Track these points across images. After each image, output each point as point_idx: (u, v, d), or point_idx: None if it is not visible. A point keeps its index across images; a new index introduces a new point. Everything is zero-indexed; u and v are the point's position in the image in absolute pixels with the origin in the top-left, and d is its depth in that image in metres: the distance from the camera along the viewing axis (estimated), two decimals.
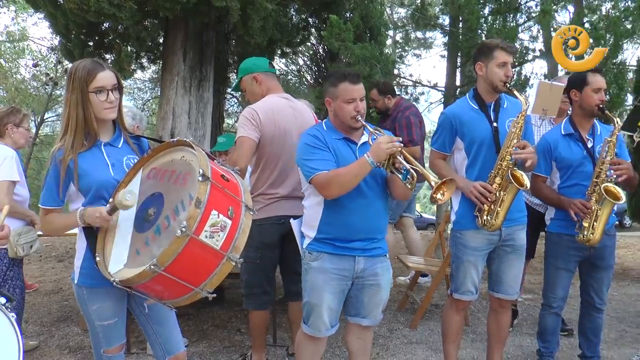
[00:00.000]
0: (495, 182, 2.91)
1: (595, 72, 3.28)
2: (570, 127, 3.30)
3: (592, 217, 3.10)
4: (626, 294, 5.77)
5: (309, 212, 2.76)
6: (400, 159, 2.50)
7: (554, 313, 3.42)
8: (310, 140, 2.66)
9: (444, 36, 8.34)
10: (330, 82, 2.73)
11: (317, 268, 2.68)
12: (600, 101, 3.19)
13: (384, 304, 2.83)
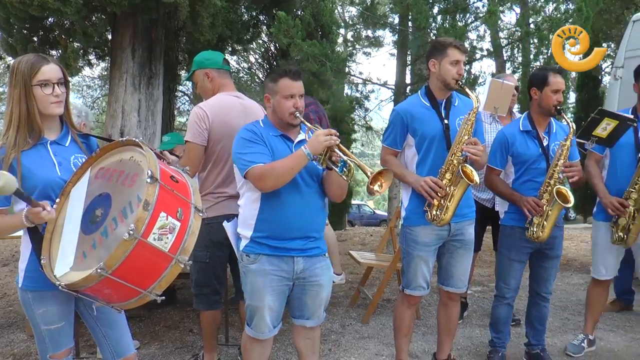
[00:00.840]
0: (445, 177, 2.99)
1: (556, 72, 3.37)
2: (528, 124, 3.41)
3: (542, 215, 3.23)
4: (569, 283, 6.02)
5: (245, 211, 2.74)
6: (337, 152, 2.51)
7: (507, 304, 3.54)
8: (247, 135, 2.65)
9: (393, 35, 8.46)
10: (270, 78, 2.73)
11: (255, 271, 2.67)
12: (558, 102, 3.31)
13: (326, 303, 2.86)
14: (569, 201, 3.15)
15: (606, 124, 3.26)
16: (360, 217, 23.48)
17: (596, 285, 3.82)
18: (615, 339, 4.21)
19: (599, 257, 3.71)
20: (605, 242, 3.63)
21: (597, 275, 3.75)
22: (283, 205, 2.63)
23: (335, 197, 2.79)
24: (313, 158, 2.52)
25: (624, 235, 3.48)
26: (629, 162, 3.47)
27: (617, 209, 3.45)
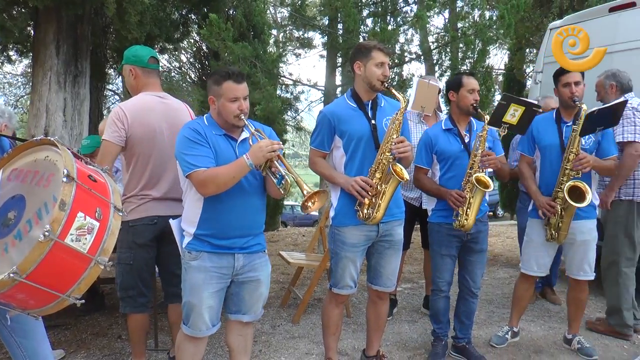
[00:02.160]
0: (375, 176, 3.05)
1: (469, 75, 3.60)
2: (450, 123, 3.59)
3: (466, 204, 3.38)
4: (495, 277, 6.25)
5: (189, 208, 2.75)
6: (277, 164, 2.57)
7: (444, 296, 3.68)
8: (191, 134, 2.64)
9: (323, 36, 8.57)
10: (213, 80, 2.72)
11: (196, 267, 2.67)
12: (475, 101, 3.48)
13: (264, 298, 2.88)
14: (489, 187, 3.32)
15: (514, 110, 3.42)
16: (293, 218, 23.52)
17: (524, 281, 3.99)
18: (535, 328, 4.43)
19: (532, 253, 3.85)
20: (539, 240, 3.79)
21: (528, 270, 3.89)
22: (226, 204, 2.66)
23: (275, 195, 2.83)
24: (254, 168, 2.57)
25: (555, 233, 3.66)
26: (557, 162, 3.64)
27: (548, 209, 3.63)
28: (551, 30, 6.08)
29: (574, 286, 3.89)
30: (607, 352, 3.97)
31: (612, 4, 5.54)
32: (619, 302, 4.21)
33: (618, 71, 4.31)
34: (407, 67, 10.22)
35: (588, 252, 3.73)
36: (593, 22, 5.55)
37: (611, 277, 4.22)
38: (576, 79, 3.64)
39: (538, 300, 5.15)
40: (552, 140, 3.70)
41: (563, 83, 3.67)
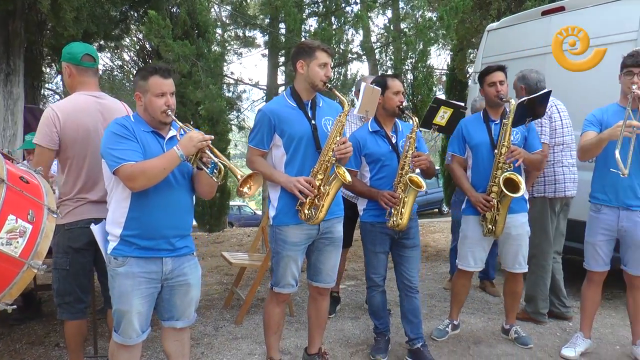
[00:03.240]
0: (318, 177, 3.07)
1: (394, 77, 3.67)
2: (377, 125, 3.65)
3: (399, 204, 3.43)
4: (437, 272, 6.39)
5: (115, 208, 2.66)
6: (209, 153, 2.54)
7: (381, 291, 3.74)
8: (118, 129, 2.59)
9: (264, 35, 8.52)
10: (140, 75, 2.68)
11: (124, 273, 2.61)
12: (400, 102, 3.55)
13: (196, 302, 2.85)
14: (421, 187, 3.41)
15: (443, 112, 3.55)
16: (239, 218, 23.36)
17: (462, 276, 4.10)
18: (475, 320, 4.57)
19: (468, 249, 3.96)
20: (475, 235, 3.90)
21: (465, 266, 4.00)
22: (154, 203, 2.61)
23: (204, 195, 2.81)
24: (185, 159, 2.52)
25: (492, 227, 3.77)
26: (488, 159, 3.77)
27: (484, 205, 3.74)
28: (488, 32, 6.28)
29: (510, 279, 4.04)
30: (541, 339, 4.15)
31: (544, 8, 5.77)
32: (535, 292, 4.51)
33: (529, 72, 4.48)
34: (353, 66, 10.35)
35: (522, 245, 3.88)
36: (527, 24, 5.78)
37: (530, 269, 4.42)
38: (500, 78, 3.79)
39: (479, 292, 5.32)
40: (482, 138, 3.83)
41: (488, 83, 3.81)
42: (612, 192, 3.59)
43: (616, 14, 4.88)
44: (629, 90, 3.39)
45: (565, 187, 4.41)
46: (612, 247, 3.71)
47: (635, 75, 3.41)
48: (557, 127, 4.39)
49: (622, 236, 3.63)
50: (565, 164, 4.42)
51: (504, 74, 3.84)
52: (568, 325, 4.45)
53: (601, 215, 3.66)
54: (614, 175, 3.45)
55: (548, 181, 4.42)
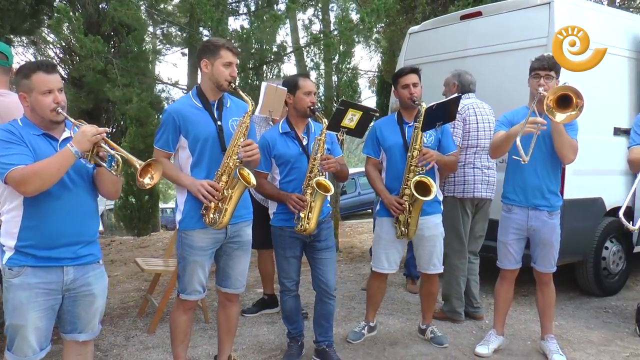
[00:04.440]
0: (222, 180, 2.97)
1: (305, 77, 3.62)
2: (287, 127, 3.57)
3: (307, 208, 3.37)
4: (360, 274, 6.37)
5: (7, 220, 2.46)
6: (105, 147, 2.39)
7: (294, 296, 3.67)
8: (4, 135, 2.38)
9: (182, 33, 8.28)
10: (22, 74, 2.47)
11: (19, 285, 2.41)
12: (311, 103, 3.49)
13: (101, 313, 2.69)
14: (329, 190, 3.37)
15: (352, 115, 3.53)
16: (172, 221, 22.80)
17: (376, 278, 4.10)
18: (393, 321, 4.60)
19: (382, 250, 3.96)
20: (389, 237, 3.91)
21: (379, 268, 4.00)
22: (49, 209, 2.42)
23: (110, 196, 2.66)
24: (81, 156, 2.35)
25: (405, 230, 3.79)
26: (401, 161, 3.79)
27: (397, 207, 3.75)
28: (410, 34, 6.37)
29: (425, 280, 4.08)
30: (457, 338, 4.23)
31: (463, 13, 5.91)
32: (449, 291, 4.61)
33: (464, 73, 4.64)
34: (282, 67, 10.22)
35: (436, 246, 3.93)
36: (447, 28, 5.90)
37: (445, 269, 4.48)
38: (413, 80, 3.81)
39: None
40: (396, 140, 3.85)
41: (402, 85, 3.83)
42: (522, 193, 3.70)
43: (528, 20, 5.05)
44: (536, 93, 3.50)
45: (475, 188, 4.51)
46: (522, 245, 3.84)
47: (541, 78, 3.54)
48: (472, 130, 4.48)
49: (531, 235, 3.75)
50: (477, 166, 4.52)
51: (417, 77, 3.87)
52: (484, 323, 4.55)
53: (512, 215, 3.76)
54: (523, 177, 3.64)
55: (457, 181, 4.51)
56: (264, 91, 3.33)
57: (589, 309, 5.05)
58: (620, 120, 5.32)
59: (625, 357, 3.97)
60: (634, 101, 5.39)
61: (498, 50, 5.25)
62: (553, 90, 3.30)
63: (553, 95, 3.26)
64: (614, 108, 5.28)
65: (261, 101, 3.28)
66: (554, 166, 3.68)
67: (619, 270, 5.50)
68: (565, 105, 3.27)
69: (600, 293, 5.37)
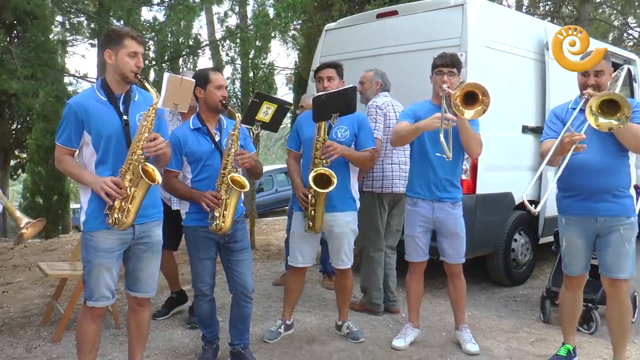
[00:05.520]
0: (126, 177, 2.81)
1: (216, 70, 3.50)
2: (199, 122, 3.44)
3: (222, 206, 3.27)
4: (276, 272, 6.24)
5: None
6: None
7: (209, 300, 3.54)
8: None
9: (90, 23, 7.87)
10: None
11: None
12: (223, 97, 3.39)
13: None
14: (245, 187, 3.28)
15: (267, 108, 3.46)
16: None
17: (293, 273, 4.07)
18: (311, 318, 4.57)
19: (296, 245, 3.95)
20: (301, 231, 3.88)
21: (295, 262, 3.98)
22: None
23: None
24: None
25: (312, 223, 3.77)
26: None
27: (304, 200, 3.72)
28: (327, 31, 6.38)
29: (338, 275, 4.10)
30: (374, 332, 4.26)
31: (379, 11, 5.98)
32: (367, 283, 4.66)
33: (385, 74, 4.76)
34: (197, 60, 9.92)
35: (344, 243, 3.94)
36: (364, 26, 5.96)
37: (363, 261, 4.66)
38: (328, 74, 3.86)
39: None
40: (311, 133, 3.82)
41: (317, 78, 3.83)
42: (426, 186, 3.80)
43: (442, 21, 5.18)
44: (440, 89, 3.62)
45: (393, 184, 4.59)
46: (429, 237, 3.94)
47: (445, 75, 3.64)
48: (391, 126, 4.53)
49: (437, 226, 3.86)
50: (395, 161, 4.60)
51: (334, 71, 3.88)
52: (401, 317, 4.62)
53: (418, 208, 3.85)
54: (429, 171, 3.76)
55: (376, 177, 4.57)
56: (166, 82, 3.15)
57: (499, 299, 5.27)
58: (528, 118, 5.58)
59: (532, 342, 4.17)
60: (539, 100, 5.67)
61: (413, 49, 5.34)
62: (460, 88, 3.40)
63: (460, 92, 3.36)
64: (522, 107, 5.53)
65: (163, 93, 3.11)
66: (457, 161, 3.79)
67: (527, 261, 5.79)
68: (471, 102, 3.39)
69: (509, 283, 5.63)
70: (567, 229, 3.54)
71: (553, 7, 16.87)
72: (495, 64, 5.04)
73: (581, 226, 3.46)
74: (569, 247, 3.54)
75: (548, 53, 5.59)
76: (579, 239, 3.47)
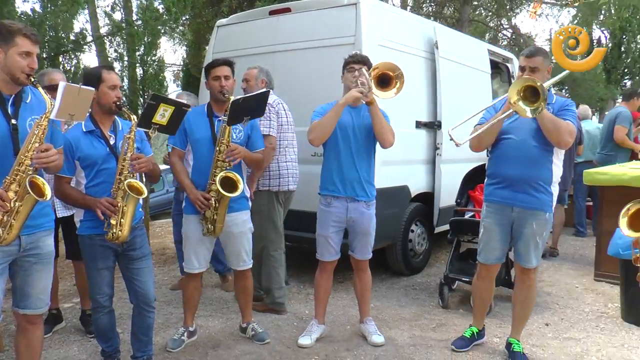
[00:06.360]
0: (11, 189, 2.53)
1: (109, 69, 3.27)
2: (92, 124, 3.21)
3: (119, 214, 3.08)
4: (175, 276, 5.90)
5: None
6: None
7: (108, 312, 3.33)
8: None
9: None
10: None
11: None
12: (117, 98, 3.20)
13: None
14: (142, 193, 3.12)
15: (164, 110, 3.30)
16: None
17: (191, 279, 3.92)
18: (214, 323, 4.45)
19: (192, 249, 3.80)
20: (196, 235, 3.75)
21: (191, 268, 3.83)
22: None
23: None
24: None
25: (212, 227, 3.66)
26: (209, 156, 3.65)
27: (203, 203, 3.60)
28: (218, 27, 6.22)
29: (238, 276, 4.03)
30: (279, 332, 4.23)
31: (272, 8, 5.93)
32: (270, 282, 4.64)
33: (269, 72, 4.73)
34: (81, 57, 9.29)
35: (244, 243, 3.88)
36: (256, 22, 5.87)
37: (263, 261, 4.62)
38: (225, 73, 3.75)
39: None
40: (204, 133, 3.72)
41: (213, 76, 3.74)
42: (341, 184, 3.81)
43: (336, 19, 5.22)
44: (352, 86, 3.66)
45: (288, 182, 4.63)
46: (341, 236, 3.97)
47: (357, 71, 3.71)
48: (283, 124, 4.59)
49: (350, 226, 3.90)
50: (288, 159, 4.65)
51: (230, 69, 3.79)
52: (304, 314, 4.62)
53: (331, 209, 3.85)
54: (341, 169, 3.78)
55: (273, 175, 4.56)
56: (62, 92, 2.89)
57: (399, 288, 5.45)
58: (421, 114, 5.81)
59: (433, 328, 4.35)
60: (431, 97, 5.91)
61: (307, 47, 5.35)
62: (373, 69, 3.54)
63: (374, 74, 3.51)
64: (416, 103, 5.74)
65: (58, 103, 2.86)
66: (369, 157, 3.87)
67: (423, 250, 6.04)
68: (385, 85, 3.51)
69: (408, 272, 5.84)
70: (487, 216, 3.72)
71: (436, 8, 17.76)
72: None
73: (499, 214, 3.64)
74: (486, 235, 3.73)
75: (438, 52, 5.87)
76: (496, 227, 3.66)
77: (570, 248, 7.41)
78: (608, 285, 5.48)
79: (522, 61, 3.56)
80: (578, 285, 5.62)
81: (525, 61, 3.53)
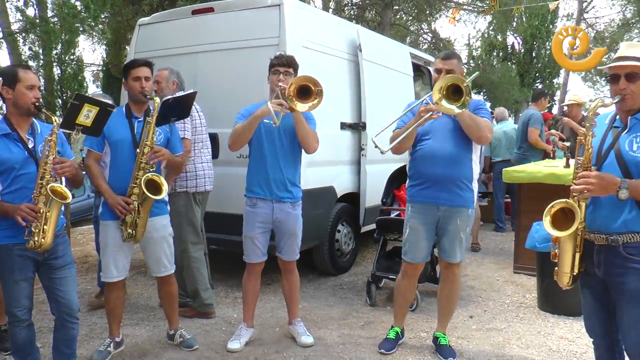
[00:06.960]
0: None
1: (26, 68, 3.11)
2: (7, 127, 3.01)
3: (41, 220, 2.91)
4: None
5: None
6: None
7: (27, 325, 3.13)
8: None
9: None
10: None
11: None
12: (36, 98, 3.02)
13: None
14: (67, 197, 2.98)
15: (88, 111, 3.17)
16: None
17: (112, 289, 3.76)
18: (140, 331, 4.32)
19: (110, 258, 3.65)
20: (115, 242, 3.62)
21: (109, 277, 3.67)
22: None
23: None
24: None
25: (133, 232, 3.55)
26: (129, 158, 3.54)
27: (124, 208, 3.48)
28: (140, 26, 6.05)
29: (160, 282, 3.94)
30: (207, 337, 4.16)
31: (195, 7, 5.83)
32: (195, 285, 4.57)
33: (179, 72, 4.67)
34: None
35: (166, 247, 3.80)
36: (178, 22, 5.75)
37: (185, 264, 4.54)
38: (145, 73, 3.67)
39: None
40: (124, 135, 3.62)
41: (133, 77, 3.64)
42: (266, 186, 3.80)
43: (260, 20, 5.20)
44: (276, 88, 3.68)
45: (205, 182, 4.61)
46: (268, 237, 3.95)
47: (281, 74, 3.72)
48: (197, 126, 4.55)
49: (276, 226, 3.89)
50: (204, 160, 4.63)
51: (150, 70, 3.71)
52: (233, 318, 4.58)
53: (257, 210, 3.83)
54: (267, 170, 3.78)
55: (190, 176, 4.52)
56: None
57: (327, 288, 5.50)
58: (345, 115, 5.88)
59: (361, 326, 4.42)
60: (355, 99, 6.01)
61: (231, 47, 5.30)
62: (293, 82, 3.49)
63: (293, 86, 3.46)
64: (340, 105, 5.80)
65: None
66: (294, 158, 3.88)
67: (350, 250, 6.12)
68: (305, 96, 3.50)
69: (335, 272, 5.91)
70: (412, 216, 3.78)
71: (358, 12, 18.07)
72: (312, 63, 5.19)
73: (425, 214, 3.72)
74: (412, 235, 3.79)
75: (361, 54, 5.97)
76: (422, 226, 3.74)
77: (491, 243, 7.76)
78: (526, 277, 5.79)
79: (439, 63, 3.69)
80: (499, 278, 5.89)
81: (441, 63, 3.67)
